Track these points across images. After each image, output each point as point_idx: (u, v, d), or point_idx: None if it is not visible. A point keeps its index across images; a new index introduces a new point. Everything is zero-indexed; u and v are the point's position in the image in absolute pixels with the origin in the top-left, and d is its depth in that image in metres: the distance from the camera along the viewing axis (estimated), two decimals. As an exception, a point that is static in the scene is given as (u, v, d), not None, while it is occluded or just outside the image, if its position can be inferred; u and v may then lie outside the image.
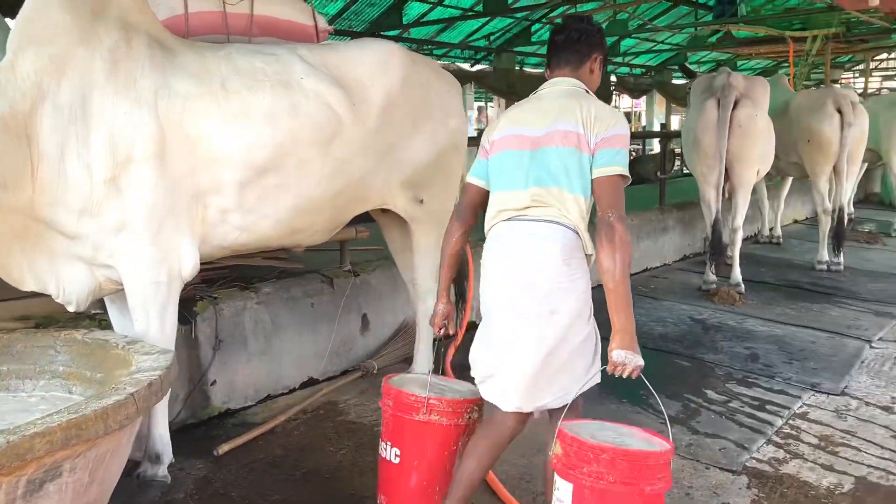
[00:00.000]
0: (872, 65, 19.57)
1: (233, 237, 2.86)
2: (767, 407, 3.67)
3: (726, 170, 5.57)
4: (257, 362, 3.69)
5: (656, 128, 21.20)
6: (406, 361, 3.99)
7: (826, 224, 6.67)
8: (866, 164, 8.44)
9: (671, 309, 5.44)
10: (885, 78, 23.71)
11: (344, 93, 2.92)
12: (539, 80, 2.50)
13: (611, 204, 2.05)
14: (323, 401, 3.74)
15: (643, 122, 24.60)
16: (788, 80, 9.74)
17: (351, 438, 3.33)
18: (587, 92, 2.27)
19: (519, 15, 13.33)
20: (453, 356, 4.17)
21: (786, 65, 14.27)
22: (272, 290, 3.81)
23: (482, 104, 24.79)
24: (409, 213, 3.38)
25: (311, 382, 3.95)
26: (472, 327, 5.10)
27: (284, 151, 2.78)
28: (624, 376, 2.00)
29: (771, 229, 8.21)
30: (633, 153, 16.25)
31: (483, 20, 12.89)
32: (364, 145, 3.01)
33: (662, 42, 17.01)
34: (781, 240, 8.12)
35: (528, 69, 15.98)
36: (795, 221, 9.70)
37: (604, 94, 16.63)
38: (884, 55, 21.54)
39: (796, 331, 4.92)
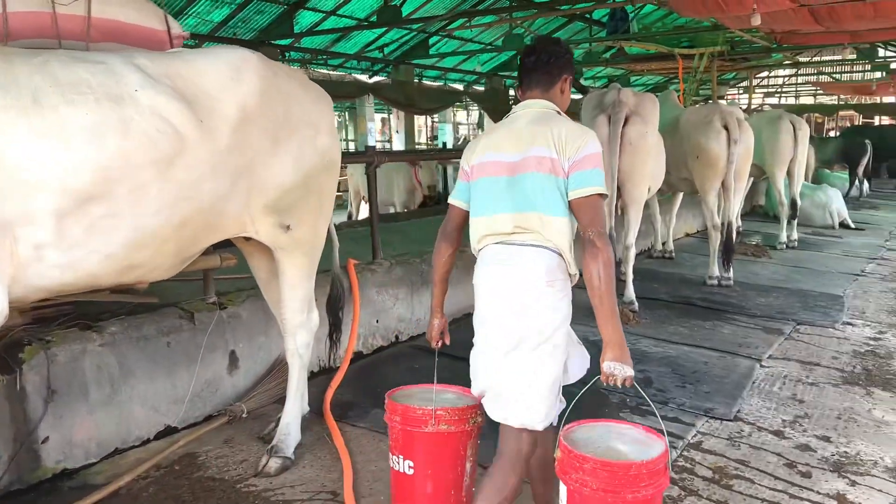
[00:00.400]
0: (755, 82, 20.67)
1: (53, 277, 2.42)
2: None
3: (618, 187, 5.52)
4: (102, 413, 3.23)
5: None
6: (283, 401, 3.62)
7: (716, 239, 6.77)
8: (752, 179, 8.71)
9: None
10: (767, 94, 25.19)
11: (188, 107, 2.55)
12: (438, 93, 2.32)
13: (590, 223, 2.17)
14: (181, 453, 3.31)
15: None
16: (678, 96, 10.00)
17: (209, 499, 2.93)
18: (558, 113, 2.37)
19: (415, 27, 13.19)
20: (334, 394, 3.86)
21: (676, 80, 14.78)
22: (120, 330, 3.35)
23: (385, 115, 24.51)
24: (275, 241, 3.03)
25: (168, 432, 3.51)
26: (359, 357, 4.89)
27: (113, 175, 2.38)
28: (618, 385, 2.12)
29: (664, 243, 8.32)
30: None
31: (379, 31, 12.65)
32: (214, 166, 2.64)
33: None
34: (674, 254, 8.24)
35: (427, 81, 15.87)
36: (687, 235, 9.91)
37: (503, 109, 16.74)
38: (765, 73, 22.86)
39: (689, 351, 4.87)
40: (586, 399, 2.18)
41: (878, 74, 18.34)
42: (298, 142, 2.96)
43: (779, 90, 25.18)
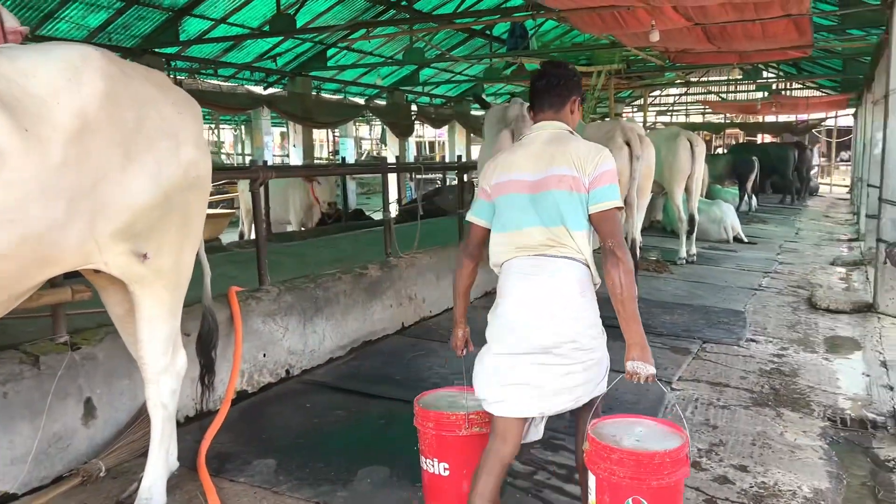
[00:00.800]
0: (648, 100, 21.39)
1: None
2: (575, 476, 3.27)
3: (524, 204, 5.31)
4: (-89, 486, 2.65)
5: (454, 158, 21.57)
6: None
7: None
8: (651, 194, 8.79)
9: (470, 359, 5.02)
10: (659, 113, 26.17)
11: (7, 113, 2.07)
12: (337, 106, 1.96)
13: (610, 234, 2.33)
14: (18, 528, 2.77)
15: (447, 152, 25.01)
16: (578, 112, 10.09)
17: (46, 589, 2.42)
18: (571, 133, 2.51)
19: (313, 38, 12.74)
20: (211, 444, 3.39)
21: None
22: (-64, 382, 2.78)
23: (284, 129, 23.73)
24: (129, 273, 2.56)
25: (6, 499, 2.95)
26: (243, 396, 4.38)
27: None
28: (641, 381, 2.28)
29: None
30: (437, 183, 16.23)
31: (274, 40, 12.12)
32: (44, 185, 2.17)
33: (460, 73, 17.27)
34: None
35: (325, 94, 15.41)
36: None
37: (405, 124, 16.49)
38: (657, 92, 23.73)
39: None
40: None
41: (760, 94, 19.31)
42: (156, 155, 2.52)
43: (670, 108, 26.24)
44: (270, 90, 14.46)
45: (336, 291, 4.86)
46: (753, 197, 16.00)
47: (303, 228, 9.26)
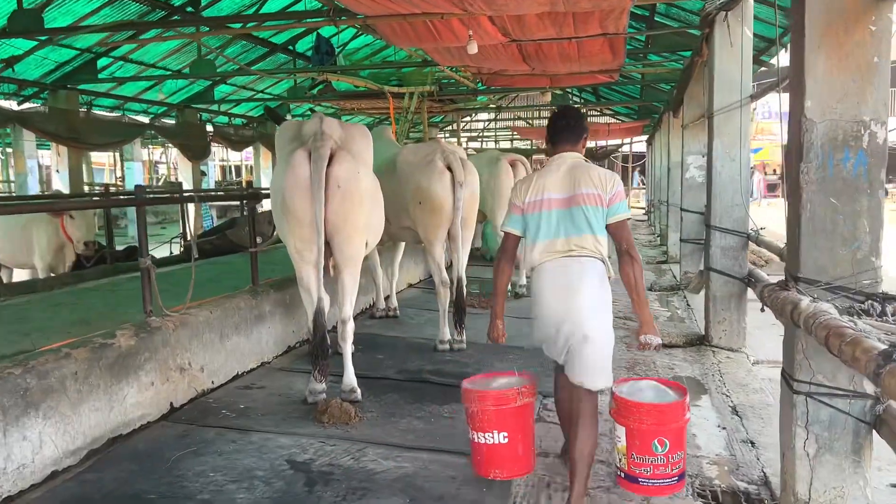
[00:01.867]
0: (461, 125, 21.26)
1: None
2: None
3: (327, 242, 4.23)
4: None
5: (266, 183, 19.80)
6: None
7: (445, 298, 5.82)
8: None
9: (264, 448, 3.80)
10: (470, 139, 26.30)
11: None
12: (112, 125, 0.85)
13: (625, 239, 3.11)
14: None
15: (255, 176, 23.20)
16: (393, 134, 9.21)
17: None
18: (586, 160, 3.29)
19: (78, 45, 10.79)
20: None
21: (387, 121, 14.23)
22: None
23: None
24: None
25: None
26: None
27: None
28: (651, 350, 3.10)
29: (387, 298, 7.24)
30: (232, 216, 14.62)
31: (23, 45, 10.03)
32: None
33: (263, 91, 15.86)
34: (398, 311, 7.19)
35: (99, 111, 13.24)
36: (410, 286, 9.03)
37: (199, 145, 14.79)
38: (468, 117, 23.81)
39: (430, 461, 3.68)
40: None
41: None
42: None
43: (481, 134, 26.48)
44: (26, 105, 12.11)
45: (61, 375, 3.44)
46: None
47: (52, 274, 7.42)
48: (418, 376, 5.15)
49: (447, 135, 25.06)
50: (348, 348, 4.48)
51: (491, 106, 17.23)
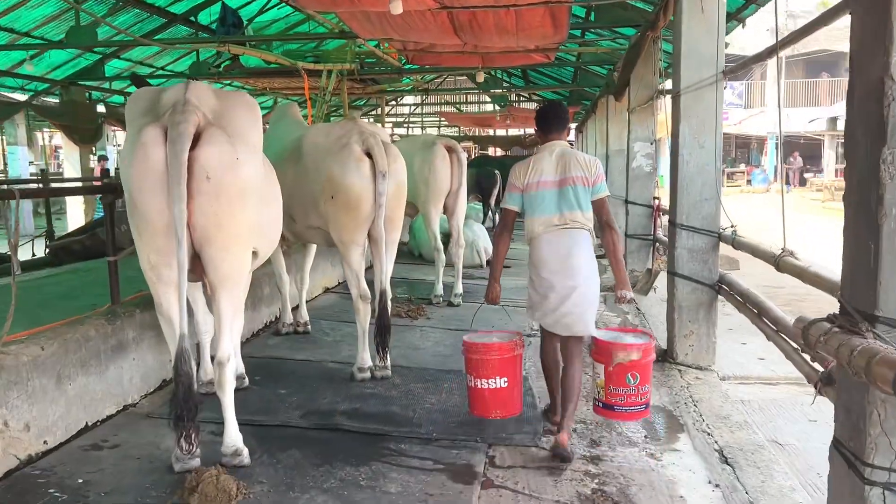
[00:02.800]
0: (386, 110, 20.04)
1: None
2: None
3: (196, 254, 3.05)
4: None
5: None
6: None
7: (365, 315, 4.70)
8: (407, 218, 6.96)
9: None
10: (396, 124, 25.01)
11: None
12: None
13: (606, 212, 3.74)
14: None
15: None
16: (308, 120, 8.02)
17: None
18: (571, 146, 3.89)
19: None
20: None
21: (303, 102, 12.88)
22: None
23: None
24: None
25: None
26: None
27: None
28: (628, 302, 3.89)
29: (295, 310, 6.04)
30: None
31: None
32: None
33: (164, 68, 14.21)
34: (309, 326, 6.02)
35: None
36: (327, 290, 7.85)
37: (88, 128, 13.08)
38: (394, 101, 22.57)
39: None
40: None
41: (492, 107, 18.86)
42: None
43: (407, 120, 25.14)
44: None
45: None
46: (497, 213, 15.25)
47: None
48: (329, 421, 4.01)
49: (371, 119, 23.75)
50: (228, 398, 3.30)
51: (418, 89, 16.08)
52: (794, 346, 3.74)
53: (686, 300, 5.28)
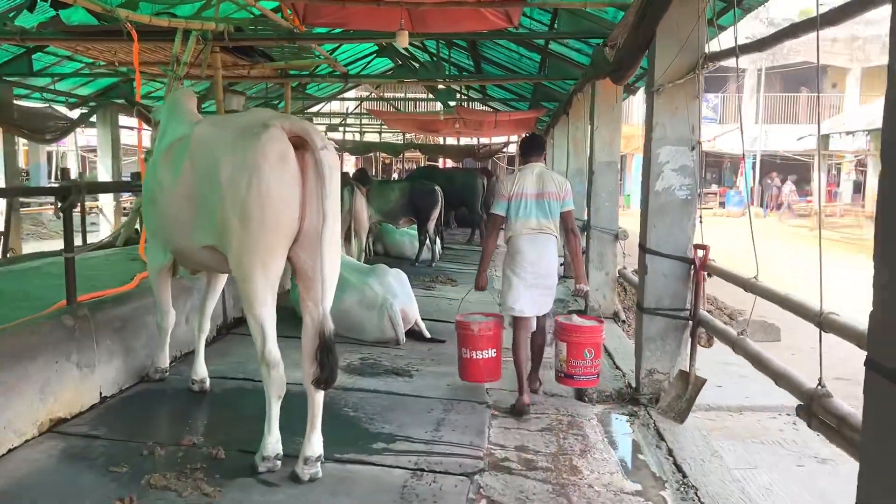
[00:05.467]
0: (305, 107, 18.76)
1: None
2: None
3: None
4: None
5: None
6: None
7: (275, 388, 3.91)
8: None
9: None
10: (330, 128, 23.16)
11: None
12: None
13: (571, 222, 5.36)
14: None
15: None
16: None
17: None
18: (545, 168, 5.47)
19: None
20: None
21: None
22: None
23: None
24: None
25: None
26: None
27: None
28: (586, 293, 5.67)
29: (186, 356, 5.47)
30: None
31: None
32: None
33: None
34: (207, 384, 5.22)
35: None
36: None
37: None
38: (319, 104, 21.15)
39: None
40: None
41: (439, 106, 17.50)
42: None
43: (343, 122, 23.69)
44: None
45: None
46: (438, 241, 13.24)
47: None
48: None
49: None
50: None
51: (335, 72, 11.81)
52: None
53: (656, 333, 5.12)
